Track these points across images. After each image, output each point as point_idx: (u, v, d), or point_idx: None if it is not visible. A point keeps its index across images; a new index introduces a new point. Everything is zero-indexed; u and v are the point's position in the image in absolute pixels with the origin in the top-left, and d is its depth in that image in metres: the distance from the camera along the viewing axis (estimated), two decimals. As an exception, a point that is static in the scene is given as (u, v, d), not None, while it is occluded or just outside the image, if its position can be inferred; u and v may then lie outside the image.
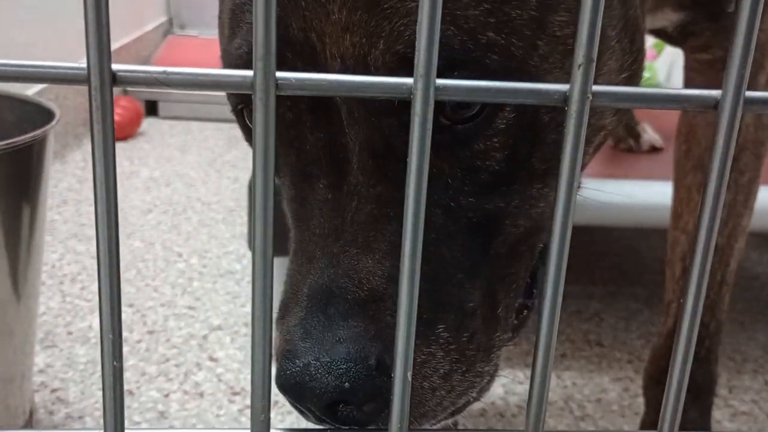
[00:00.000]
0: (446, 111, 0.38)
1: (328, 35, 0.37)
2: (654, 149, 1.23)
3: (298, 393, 0.36)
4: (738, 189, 0.67)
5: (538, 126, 0.40)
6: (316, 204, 0.40)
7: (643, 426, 0.77)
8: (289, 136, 0.40)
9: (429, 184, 0.39)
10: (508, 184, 0.41)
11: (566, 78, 0.41)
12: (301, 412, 0.38)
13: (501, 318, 0.42)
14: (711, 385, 0.73)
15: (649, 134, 1.23)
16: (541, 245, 0.45)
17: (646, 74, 1.66)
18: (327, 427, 0.38)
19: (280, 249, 1.05)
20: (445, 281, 0.39)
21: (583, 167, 0.47)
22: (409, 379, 0.31)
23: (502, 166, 0.40)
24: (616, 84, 0.44)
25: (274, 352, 0.37)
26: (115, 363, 0.29)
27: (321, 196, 0.40)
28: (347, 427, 0.37)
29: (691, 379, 0.71)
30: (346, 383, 0.35)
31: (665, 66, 1.71)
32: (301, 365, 0.36)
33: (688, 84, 0.71)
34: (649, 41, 1.70)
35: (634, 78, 0.46)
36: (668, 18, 0.63)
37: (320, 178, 0.40)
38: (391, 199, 0.39)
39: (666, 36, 0.66)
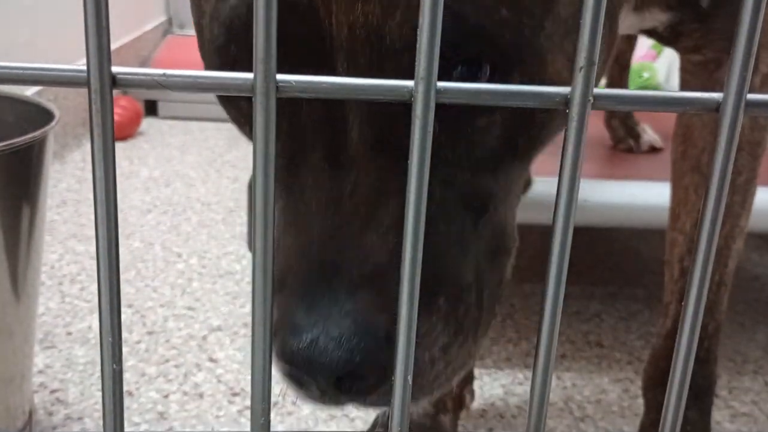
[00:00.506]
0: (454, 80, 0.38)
1: (335, 2, 0.36)
2: (654, 150, 1.23)
3: (307, 367, 0.35)
4: (735, 190, 0.67)
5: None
6: (310, 176, 0.38)
7: (642, 427, 0.77)
8: (282, 103, 0.39)
9: (433, 159, 0.39)
10: (497, 164, 0.41)
11: (562, 58, 0.41)
12: (299, 386, 0.37)
13: (486, 306, 0.42)
14: (711, 385, 0.73)
15: (649, 135, 1.23)
16: (500, 276, 0.44)
17: (645, 75, 1.66)
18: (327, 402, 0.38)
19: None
20: (442, 254, 0.39)
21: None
22: (410, 383, 0.31)
23: (495, 143, 0.40)
24: None
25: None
26: (114, 366, 0.29)
27: (316, 167, 0.38)
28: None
29: (691, 379, 0.71)
30: (357, 357, 0.34)
31: (665, 67, 1.71)
32: (309, 339, 0.35)
33: (683, 86, 0.71)
34: (649, 42, 1.70)
35: (605, 65, 0.46)
36: (657, 18, 0.63)
37: (315, 149, 0.38)
38: (393, 172, 0.37)
39: (658, 36, 0.66)
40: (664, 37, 0.66)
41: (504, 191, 0.42)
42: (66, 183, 1.62)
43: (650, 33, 0.66)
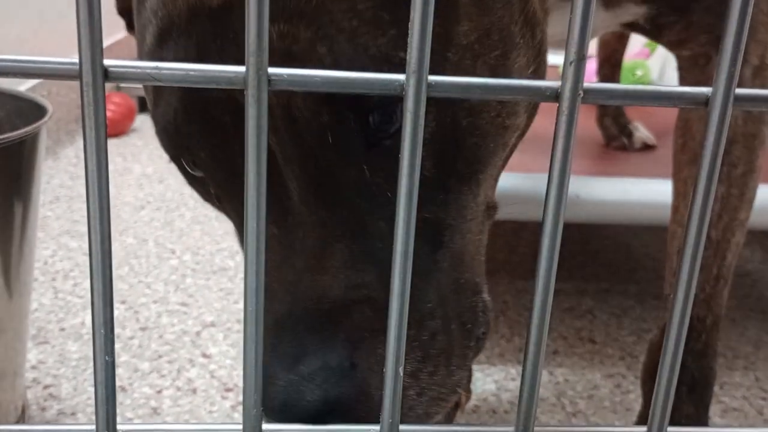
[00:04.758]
0: (372, 127, 0.39)
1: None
2: (646, 147, 1.23)
3: (286, 413, 0.36)
4: (731, 182, 0.67)
5: (459, 131, 0.41)
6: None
7: (640, 419, 0.77)
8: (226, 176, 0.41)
9: (370, 199, 0.40)
10: (443, 193, 0.42)
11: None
12: None
13: (456, 334, 0.42)
14: (709, 380, 0.71)
15: (642, 132, 1.24)
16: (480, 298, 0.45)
17: (638, 72, 1.67)
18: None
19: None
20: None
21: (499, 170, 0.48)
22: (401, 374, 0.31)
23: (432, 173, 0.41)
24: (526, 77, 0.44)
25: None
26: (107, 358, 0.30)
27: (268, 231, 0.40)
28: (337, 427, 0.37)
29: (688, 373, 0.70)
30: (329, 390, 0.36)
31: (658, 64, 1.71)
32: (283, 385, 0.36)
33: (680, 82, 0.71)
34: (642, 40, 1.71)
35: (539, 71, 0.47)
36: (632, 12, 0.63)
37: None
38: (335, 220, 0.40)
39: (641, 30, 0.66)
40: (647, 30, 0.66)
41: (458, 220, 0.43)
42: (59, 179, 1.61)
43: (632, 27, 0.66)
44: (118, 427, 0.32)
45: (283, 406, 0.36)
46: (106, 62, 0.26)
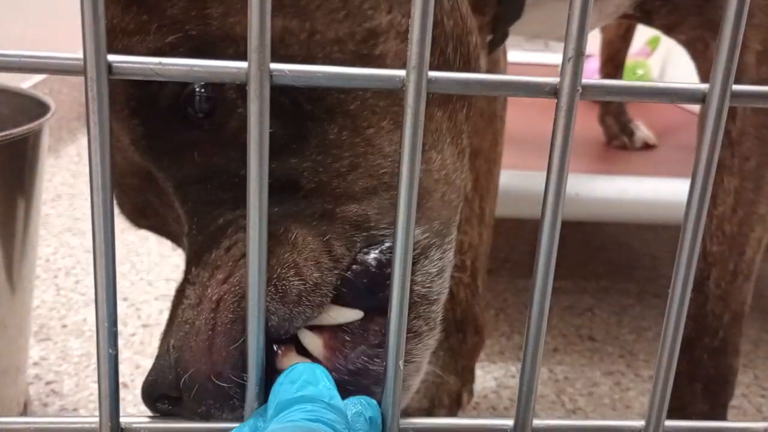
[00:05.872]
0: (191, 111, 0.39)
1: None
2: (647, 146, 1.23)
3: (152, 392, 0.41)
4: (744, 175, 0.64)
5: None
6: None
7: None
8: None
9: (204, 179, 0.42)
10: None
11: None
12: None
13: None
14: (727, 377, 0.69)
15: (642, 131, 1.24)
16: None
17: (639, 71, 1.67)
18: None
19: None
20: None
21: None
22: (401, 368, 0.31)
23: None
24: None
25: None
26: (110, 351, 0.30)
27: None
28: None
29: (704, 370, 0.69)
30: (156, 383, 0.40)
31: (659, 63, 1.72)
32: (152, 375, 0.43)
33: (698, 72, 0.69)
34: (643, 39, 1.71)
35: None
36: (616, 3, 0.62)
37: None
38: (186, 204, 0.44)
39: (632, 17, 0.65)
40: (638, 17, 0.65)
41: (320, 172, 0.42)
42: (61, 177, 1.61)
43: (625, 15, 0.66)
44: (121, 419, 0.33)
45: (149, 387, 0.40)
46: (110, 57, 0.27)
